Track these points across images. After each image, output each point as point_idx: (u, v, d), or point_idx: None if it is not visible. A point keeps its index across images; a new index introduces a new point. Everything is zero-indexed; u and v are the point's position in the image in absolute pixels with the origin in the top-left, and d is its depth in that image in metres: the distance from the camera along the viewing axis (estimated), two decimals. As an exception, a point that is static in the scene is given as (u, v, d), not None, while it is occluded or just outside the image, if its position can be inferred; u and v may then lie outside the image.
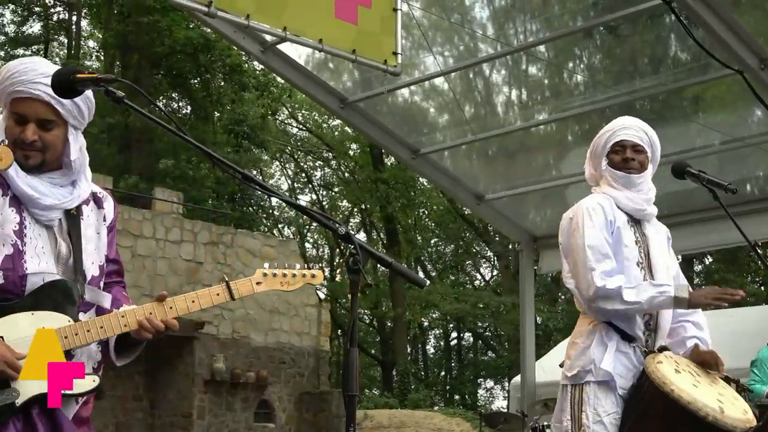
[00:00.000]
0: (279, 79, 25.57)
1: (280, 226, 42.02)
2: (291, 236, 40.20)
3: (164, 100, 32.43)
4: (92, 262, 3.35)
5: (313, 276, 3.67)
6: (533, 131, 10.49)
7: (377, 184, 34.62)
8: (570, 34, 8.99)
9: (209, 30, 21.05)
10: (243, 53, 23.60)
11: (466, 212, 35.31)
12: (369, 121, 9.23)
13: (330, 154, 41.60)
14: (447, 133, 10.19)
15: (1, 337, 3.04)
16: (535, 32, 9.10)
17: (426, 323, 43.88)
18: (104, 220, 3.49)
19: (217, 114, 32.02)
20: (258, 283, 3.53)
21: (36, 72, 3.20)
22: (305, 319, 22.20)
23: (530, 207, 11.03)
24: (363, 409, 22.95)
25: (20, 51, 36.52)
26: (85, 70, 3.07)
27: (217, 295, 3.43)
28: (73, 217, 3.32)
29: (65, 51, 36.81)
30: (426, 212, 41.43)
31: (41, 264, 3.17)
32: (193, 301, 3.40)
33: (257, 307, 21.31)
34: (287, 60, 8.39)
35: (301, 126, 42.37)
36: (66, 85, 3.00)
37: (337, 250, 42.12)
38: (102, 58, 35.22)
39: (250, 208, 35.26)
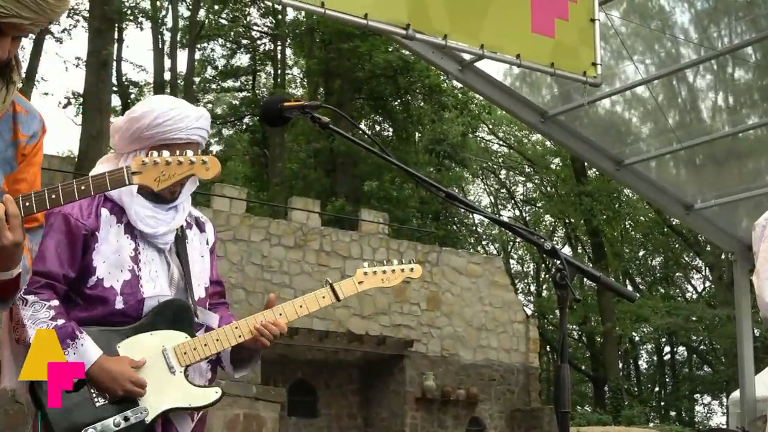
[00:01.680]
0: (478, 96, 25.59)
1: (484, 243, 42.03)
2: (496, 253, 40.11)
3: (367, 123, 33.07)
4: (198, 284, 3.44)
5: (411, 270, 3.68)
6: (742, 136, 10.04)
7: (581, 197, 34.07)
8: (779, 33, 8.58)
9: (408, 52, 21.33)
10: (441, 73, 23.79)
11: (674, 222, 34.25)
12: (570, 134, 9.09)
13: (531, 168, 41.30)
14: (651, 142, 9.91)
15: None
16: (741, 34, 8.73)
17: (637, 338, 42.73)
18: (207, 243, 3.58)
19: (418, 134, 32.38)
20: (360, 282, 3.57)
21: (191, 118, 3.32)
22: (513, 335, 22.06)
23: (742, 215, 10.55)
24: (576, 426, 22.51)
25: (230, 83, 38.22)
26: (291, 99, 3.15)
27: (323, 297, 3.50)
28: (180, 240, 3.42)
29: (271, 80, 38.20)
30: (632, 224, 40.43)
31: (156, 287, 3.28)
32: (300, 306, 3.46)
33: (465, 324, 21.36)
34: (485, 77, 8.38)
35: (501, 142, 42.29)
36: (274, 114, 3.09)
37: (543, 265, 41.69)
38: (306, 85, 36.34)
39: (454, 227, 35.47)
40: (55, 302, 3.14)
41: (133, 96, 34.78)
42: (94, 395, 3.09)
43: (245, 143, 38.37)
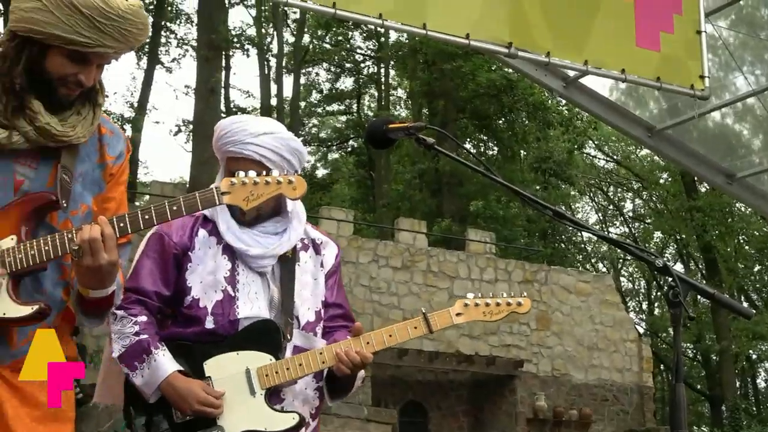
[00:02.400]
0: (583, 112, 25.31)
1: (593, 261, 41.44)
2: (605, 270, 39.51)
3: (471, 143, 33.01)
4: (308, 307, 3.40)
5: (519, 304, 3.51)
6: None
7: (692, 213, 33.30)
8: None
9: (511, 71, 21.26)
10: (545, 90, 23.63)
11: (791, 236, 33.22)
12: (679, 148, 8.91)
13: (640, 184, 40.60)
14: (764, 154, 9.66)
15: (209, 377, 3.18)
16: None
17: (754, 356, 41.49)
18: (322, 266, 3.52)
19: (523, 152, 32.18)
20: (458, 314, 3.44)
21: (246, 132, 3.30)
22: (626, 354, 21.67)
23: None
24: (692, 447, 22.00)
25: (334, 106, 38.64)
26: (395, 120, 3.16)
27: (415, 328, 3.38)
28: (288, 262, 3.39)
29: (375, 102, 38.48)
30: (746, 239, 39.34)
31: (254, 309, 3.27)
32: (390, 336, 3.35)
33: (575, 344, 21.08)
34: (590, 93, 8.29)
35: (608, 158, 41.71)
36: (380, 136, 3.12)
37: (655, 282, 40.87)
38: (410, 106, 36.48)
39: (562, 245, 35.09)
40: (143, 318, 3.20)
41: (240, 122, 35.34)
42: (174, 410, 3.16)
43: (351, 166, 38.70)
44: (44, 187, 2.74)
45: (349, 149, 38.36)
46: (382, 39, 33.97)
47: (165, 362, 3.14)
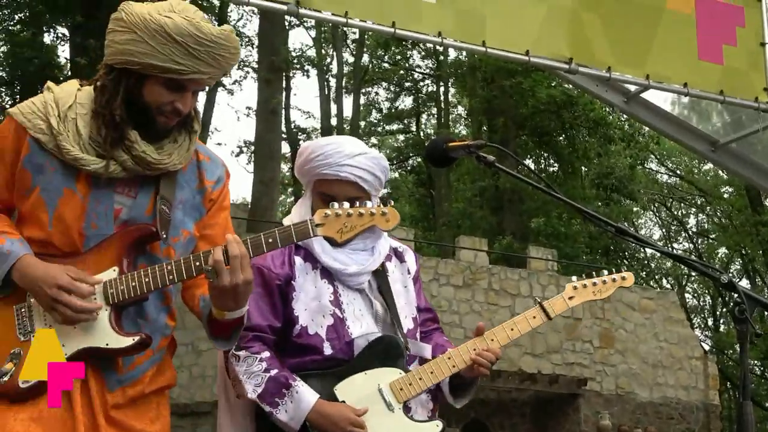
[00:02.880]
0: (645, 127, 25.09)
1: (657, 277, 40.94)
2: (669, 287, 39.01)
3: (532, 160, 32.86)
4: (405, 315, 3.40)
5: (624, 278, 3.57)
6: None
7: (757, 227, 32.76)
8: None
9: (571, 86, 21.16)
10: (606, 106, 23.47)
11: None
12: (743, 162, 8.77)
13: (703, 199, 40.07)
14: (832, 167, 9.48)
15: (342, 401, 3.15)
16: None
17: (828, 372, 40.62)
18: (408, 273, 3.53)
19: (584, 168, 31.95)
20: (570, 298, 3.50)
21: (341, 154, 3.28)
22: (691, 372, 21.36)
23: None
24: (762, 467, 21.57)
25: (394, 125, 38.76)
26: (455, 139, 3.17)
27: (534, 317, 3.42)
28: (380, 275, 3.39)
29: (435, 121, 38.52)
30: (815, 253, 38.60)
31: (363, 326, 3.27)
32: (512, 329, 3.40)
33: (640, 361, 20.83)
34: (652, 108, 8.21)
35: (671, 173, 41.25)
36: (440, 154, 3.13)
37: (720, 299, 40.24)
38: (470, 124, 36.45)
39: (625, 261, 34.71)
40: (266, 354, 3.18)
41: (302, 142, 35.70)
42: None
43: (411, 184, 38.74)
44: (143, 215, 2.80)
45: (409, 168, 38.42)
46: (441, 57, 34.03)
47: (306, 392, 3.13)
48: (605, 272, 3.57)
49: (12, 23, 28.22)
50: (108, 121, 2.71)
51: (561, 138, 31.23)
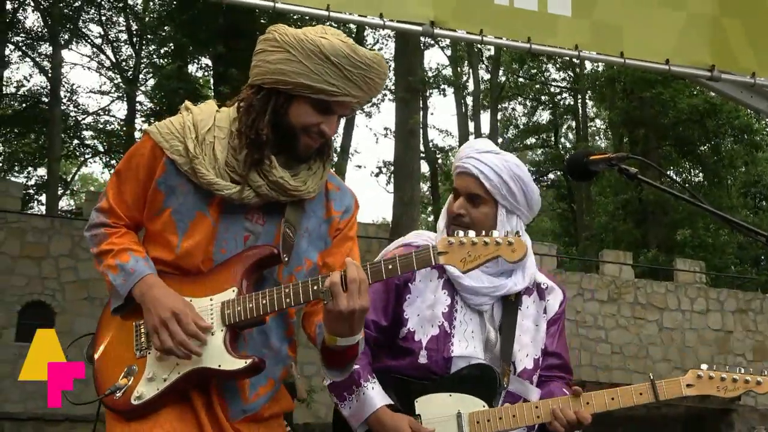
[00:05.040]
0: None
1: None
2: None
3: (675, 170, 32.15)
4: (526, 354, 3.25)
5: (759, 383, 3.17)
6: None
7: None
8: None
9: (713, 94, 20.64)
10: (752, 112, 22.77)
11: None
12: None
13: None
14: None
15: (419, 415, 3.09)
16: None
17: None
18: (545, 312, 3.35)
19: (730, 177, 31.07)
20: (689, 386, 3.20)
21: (471, 148, 3.27)
22: None
23: None
24: None
25: (532, 140, 38.52)
26: (596, 152, 3.11)
27: (641, 394, 3.16)
28: (510, 305, 3.25)
29: (573, 134, 38.10)
30: None
31: (468, 348, 3.16)
32: (612, 399, 3.15)
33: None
34: (801, 112, 7.96)
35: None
36: (580, 168, 3.07)
37: None
38: (609, 136, 35.91)
39: (778, 271, 33.47)
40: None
41: (440, 161, 35.83)
42: None
43: (551, 199, 38.39)
44: (271, 243, 2.77)
45: (549, 182, 38.07)
46: (578, 70, 33.67)
47: (374, 396, 3.08)
48: (741, 369, 3.20)
49: (158, 56, 29.35)
50: (252, 141, 2.71)
51: (705, 147, 30.46)
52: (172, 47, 27.02)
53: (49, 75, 28.46)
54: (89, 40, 31.13)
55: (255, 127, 2.71)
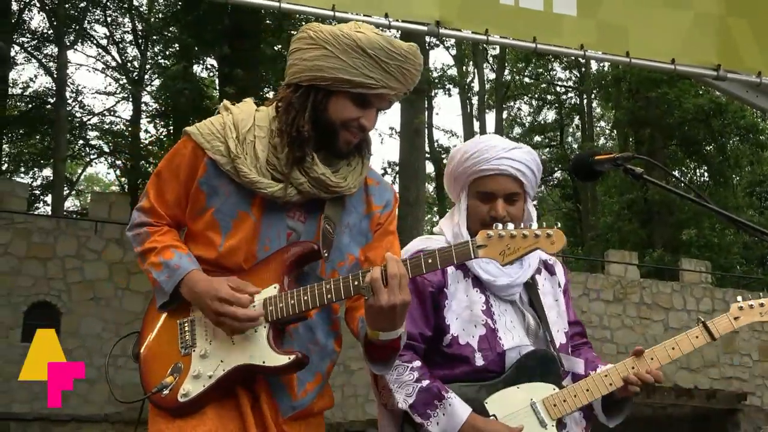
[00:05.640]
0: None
1: (819, 287, 39.29)
2: (833, 297, 37.38)
3: (680, 170, 32.12)
4: (558, 329, 3.31)
5: None
6: None
7: None
8: None
9: (719, 94, 20.62)
10: (758, 112, 22.73)
11: None
12: None
13: None
14: None
15: (494, 415, 3.06)
16: None
17: None
18: (559, 286, 3.42)
19: (735, 177, 31.04)
20: (736, 318, 3.28)
21: (498, 148, 3.22)
22: None
23: None
24: None
25: (537, 139, 38.50)
26: (601, 152, 3.11)
27: (696, 337, 3.24)
28: (531, 288, 3.29)
29: (579, 134, 38.08)
30: None
31: (515, 338, 3.17)
32: (673, 348, 3.23)
33: (803, 375, 20.04)
34: (807, 112, 7.94)
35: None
36: (586, 168, 3.07)
37: None
38: (615, 136, 35.89)
39: (784, 271, 33.43)
40: (418, 363, 3.11)
41: (445, 161, 35.80)
42: None
43: (557, 198, 38.36)
44: (312, 239, 2.80)
45: (554, 182, 38.05)
46: (583, 69, 33.65)
47: (459, 406, 3.04)
48: None
49: (164, 57, 29.36)
50: (293, 139, 2.73)
51: (710, 147, 30.44)
52: (178, 48, 27.03)
53: (55, 76, 28.49)
54: (94, 41, 31.19)
55: (296, 124, 2.74)
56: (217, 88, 25.94)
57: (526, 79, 36.69)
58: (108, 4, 29.34)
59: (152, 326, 2.84)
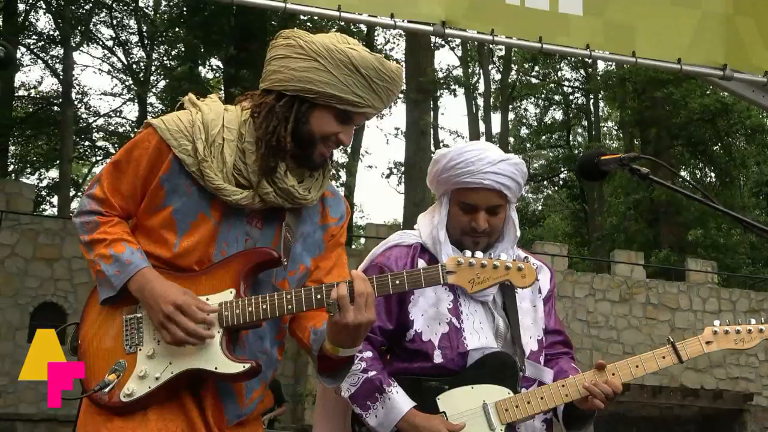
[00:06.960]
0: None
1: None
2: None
3: (687, 170, 32.07)
4: (530, 336, 3.26)
5: None
6: None
7: None
8: None
9: (725, 94, 20.58)
10: (764, 112, 22.69)
11: None
12: None
13: None
14: None
15: (444, 412, 3.06)
16: None
17: None
18: (539, 293, 3.37)
19: (742, 177, 30.99)
20: (708, 343, 3.22)
21: (484, 161, 3.16)
22: None
23: None
24: None
25: (544, 139, 38.49)
26: (608, 152, 3.11)
27: (663, 357, 3.19)
28: (507, 291, 3.24)
29: (586, 134, 38.04)
30: None
31: (481, 339, 3.14)
32: (637, 366, 3.19)
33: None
34: (814, 111, 7.92)
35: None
36: (592, 168, 3.07)
37: None
38: (621, 136, 35.85)
39: (790, 271, 33.38)
40: (368, 354, 3.12)
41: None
42: None
43: (564, 198, 38.33)
44: (269, 246, 2.76)
45: (561, 182, 38.03)
46: (590, 70, 33.62)
47: (400, 400, 3.05)
48: (753, 320, 3.27)
49: (169, 58, 29.40)
50: (271, 149, 2.69)
51: (717, 147, 30.39)
52: (183, 49, 27.06)
53: (61, 77, 28.54)
54: (100, 43, 31.24)
55: (276, 134, 2.70)
56: (223, 89, 25.96)
57: (533, 80, 36.66)
58: (113, 5, 29.39)
59: (93, 320, 2.76)
